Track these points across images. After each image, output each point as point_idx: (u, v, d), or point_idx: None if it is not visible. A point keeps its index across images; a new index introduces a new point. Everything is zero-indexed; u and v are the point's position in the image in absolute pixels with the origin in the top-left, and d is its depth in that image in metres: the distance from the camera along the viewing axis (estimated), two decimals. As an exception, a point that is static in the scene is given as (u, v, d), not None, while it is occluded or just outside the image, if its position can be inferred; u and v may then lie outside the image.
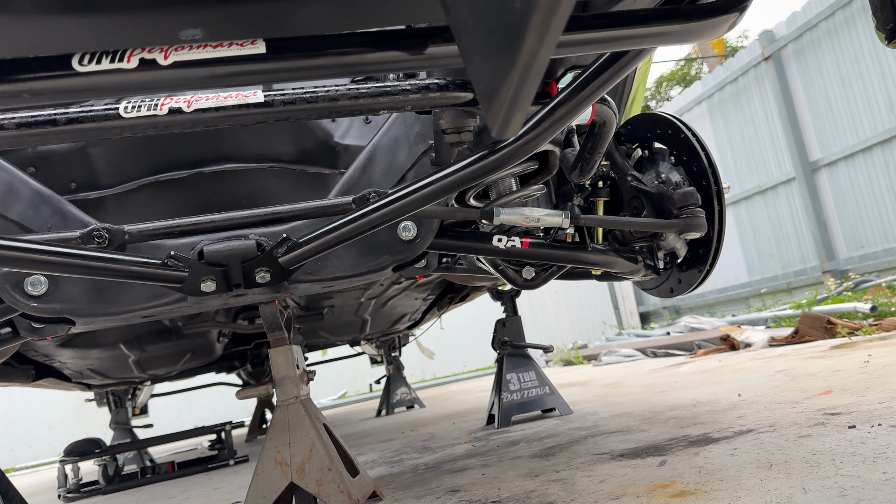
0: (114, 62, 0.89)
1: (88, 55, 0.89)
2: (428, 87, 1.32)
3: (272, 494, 1.66)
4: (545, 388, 3.03)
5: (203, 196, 2.06)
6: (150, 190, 2.06)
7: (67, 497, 3.55)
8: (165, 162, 2.04)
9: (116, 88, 0.91)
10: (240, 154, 2.08)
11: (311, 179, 2.15)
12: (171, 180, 2.06)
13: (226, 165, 2.07)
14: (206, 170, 2.06)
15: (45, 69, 0.88)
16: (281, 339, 1.83)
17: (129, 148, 2.02)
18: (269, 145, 2.10)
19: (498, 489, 1.74)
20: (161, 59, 0.91)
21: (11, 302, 1.64)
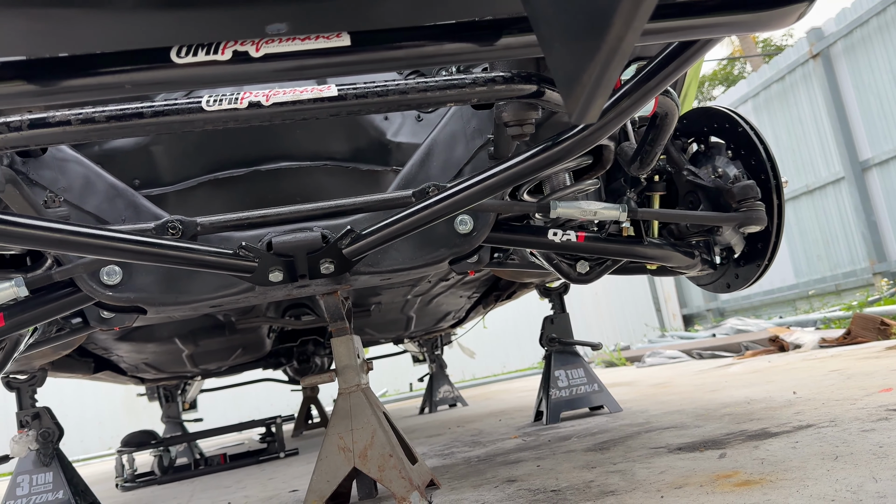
0: (209, 54, 0.94)
1: (185, 48, 0.94)
2: (494, 80, 1.34)
3: (336, 479, 1.71)
4: (594, 386, 3.03)
5: (259, 193, 2.11)
6: (209, 187, 2.13)
7: (125, 486, 3.67)
8: (224, 160, 2.10)
9: (211, 80, 0.96)
10: (295, 152, 2.13)
11: (363, 177, 2.19)
12: (230, 178, 2.12)
13: (281, 164, 2.13)
14: (262, 168, 2.12)
15: (146, 61, 0.93)
16: (343, 328, 1.88)
17: (190, 146, 2.09)
18: (324, 144, 2.15)
19: (556, 479, 1.75)
20: (253, 51, 0.95)
21: (88, 291, 1.72)
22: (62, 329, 2.18)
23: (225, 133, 2.02)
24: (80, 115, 1.21)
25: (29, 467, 2.75)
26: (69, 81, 0.91)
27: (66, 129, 1.21)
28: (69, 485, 2.75)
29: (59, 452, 2.81)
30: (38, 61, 0.89)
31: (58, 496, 2.71)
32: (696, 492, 1.37)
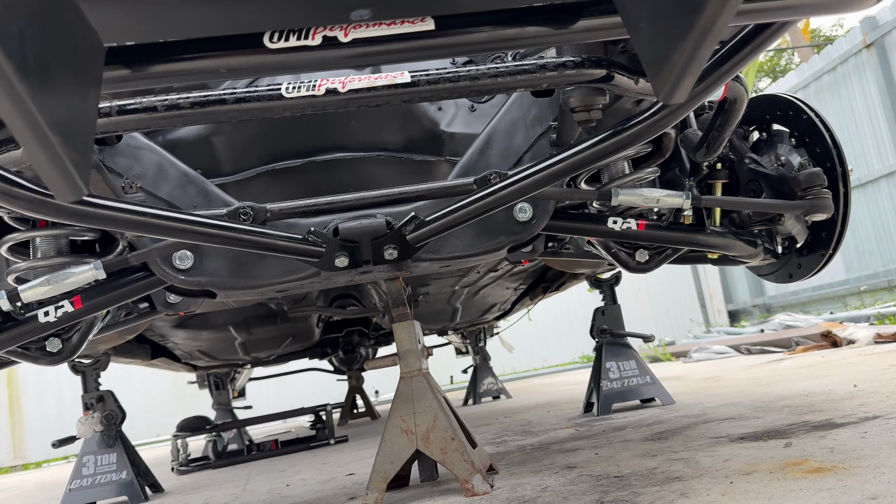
0: (300, 39, 0.97)
1: (278, 33, 0.97)
2: (564, 65, 1.35)
3: (399, 460, 1.74)
4: (646, 378, 3.02)
5: (313, 184, 2.15)
6: (266, 178, 2.17)
7: (180, 470, 3.77)
8: (281, 151, 2.14)
9: (301, 65, 0.99)
10: (349, 143, 2.16)
11: (416, 167, 2.21)
12: (286, 169, 2.16)
13: (336, 154, 2.16)
14: (317, 158, 2.15)
15: (241, 46, 0.96)
16: (404, 314, 1.90)
17: (249, 137, 2.13)
18: (378, 134, 2.17)
19: (617, 466, 1.76)
20: (341, 36, 0.98)
21: (161, 275, 1.77)
22: (130, 313, 2.26)
23: (282, 124, 2.06)
24: (166, 101, 1.26)
25: (94, 448, 2.85)
26: (169, 66, 0.95)
27: (152, 116, 1.26)
28: (132, 466, 2.84)
29: (121, 434, 2.91)
30: (141, 46, 0.93)
31: (121, 476, 2.80)
32: (766, 478, 1.36)
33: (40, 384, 10.00)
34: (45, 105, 0.68)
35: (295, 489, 2.38)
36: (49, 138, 0.69)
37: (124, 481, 2.79)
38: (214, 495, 2.59)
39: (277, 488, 2.48)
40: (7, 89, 0.63)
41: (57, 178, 0.72)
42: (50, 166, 0.71)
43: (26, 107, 0.65)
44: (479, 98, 2.17)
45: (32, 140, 0.68)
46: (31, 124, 0.67)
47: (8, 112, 0.64)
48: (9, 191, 1.19)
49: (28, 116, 0.66)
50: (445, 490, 1.79)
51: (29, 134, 0.67)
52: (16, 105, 0.65)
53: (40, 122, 0.67)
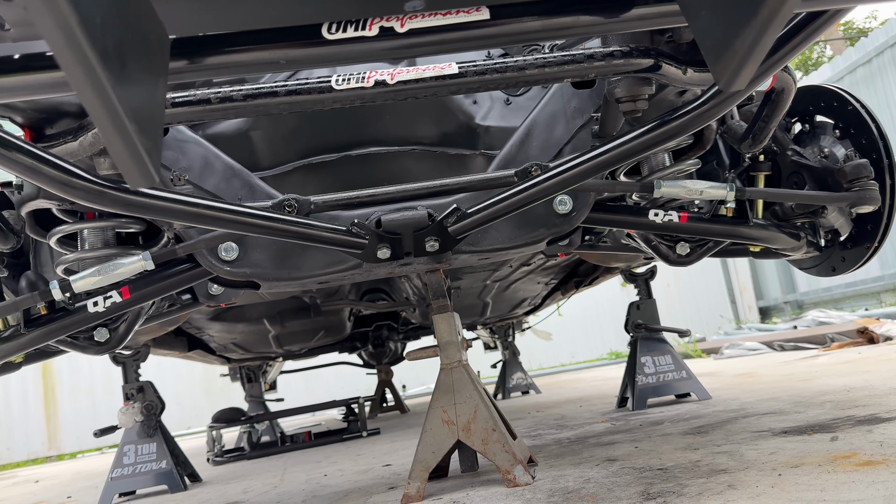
0: (357, 30, 0.98)
1: (336, 24, 0.98)
2: (612, 55, 1.35)
3: (441, 450, 1.75)
4: (682, 373, 3.00)
5: (349, 178, 2.16)
6: (302, 172, 2.19)
7: (216, 461, 3.83)
8: (317, 145, 2.15)
9: (358, 56, 1.00)
10: (384, 138, 2.17)
11: (451, 161, 2.22)
12: (322, 163, 2.17)
13: (371, 149, 2.17)
14: (353, 153, 2.16)
15: (300, 37, 0.98)
16: (444, 306, 1.92)
17: (286, 132, 2.15)
18: (412, 129, 2.18)
19: (659, 459, 1.75)
20: (398, 26, 0.99)
21: (208, 266, 1.80)
22: (172, 305, 2.30)
23: (318, 119, 2.07)
24: (220, 93, 1.28)
25: (134, 438, 2.91)
26: (230, 57, 0.96)
27: (205, 108, 1.28)
28: (171, 455, 2.89)
29: (161, 425, 2.96)
30: (203, 38, 0.95)
31: (161, 466, 2.86)
32: (815, 470, 1.35)
33: (74, 377, 10.21)
34: (122, 94, 0.69)
35: (333, 479, 2.41)
36: (126, 126, 0.71)
37: (164, 470, 2.84)
38: (253, 485, 2.63)
39: (315, 478, 2.51)
40: (91, 78, 0.65)
41: (131, 164, 0.74)
42: (125, 153, 0.73)
43: (107, 95, 0.67)
44: (516, 91, 2.17)
45: (111, 127, 0.70)
46: (110, 112, 0.68)
47: (90, 99, 0.66)
48: (68, 181, 1.22)
49: (108, 104, 0.68)
50: (485, 481, 1.80)
51: (109, 121, 0.69)
52: (98, 93, 0.66)
53: (119, 111, 0.69)
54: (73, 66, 0.63)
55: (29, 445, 10.01)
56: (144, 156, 0.75)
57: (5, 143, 1.14)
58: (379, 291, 4.04)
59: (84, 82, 0.65)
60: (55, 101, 1.32)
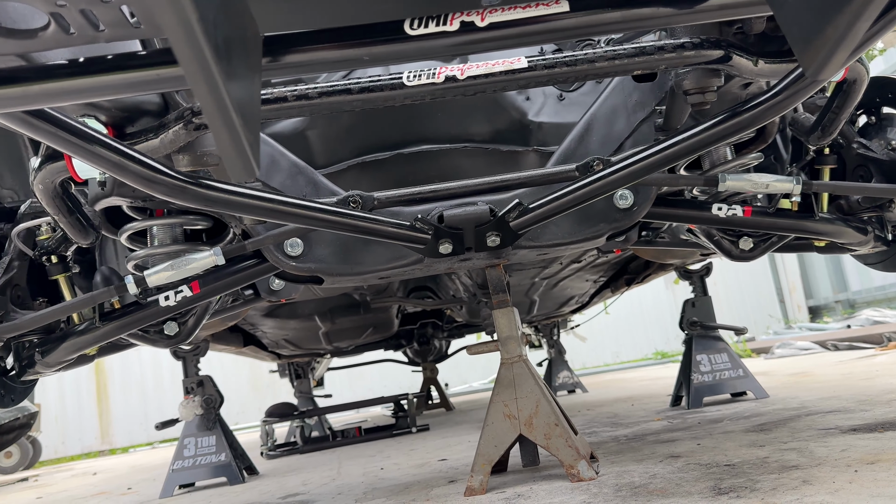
0: (439, 25, 0.99)
1: (418, 20, 1.00)
2: (683, 46, 1.34)
3: (503, 444, 1.76)
4: (738, 371, 2.95)
5: (400, 176, 2.18)
6: (356, 170, 2.22)
7: (269, 455, 3.90)
8: (370, 144, 2.18)
9: (441, 51, 1.01)
10: (436, 135, 2.18)
11: (503, 157, 2.22)
12: (374, 161, 2.20)
13: (423, 147, 2.18)
14: (405, 151, 2.18)
15: (383, 34, 1.00)
16: (504, 301, 1.92)
17: (341, 130, 2.19)
18: (464, 126, 2.19)
19: (724, 455, 1.73)
20: (478, 21, 1.00)
21: (274, 261, 1.84)
22: (236, 300, 2.36)
23: (371, 118, 2.10)
24: (296, 91, 1.31)
25: (194, 431, 2.99)
26: (315, 55, 0.99)
27: (282, 105, 1.31)
28: (230, 448, 2.96)
29: (220, 418, 3.03)
30: (290, 36, 0.98)
31: (220, 458, 2.93)
32: (893, 467, 1.32)
33: (125, 374, 10.50)
34: (231, 89, 0.72)
35: (390, 472, 2.44)
36: (234, 120, 0.74)
37: (223, 463, 2.91)
38: (311, 477, 2.67)
39: (372, 471, 2.54)
40: (206, 72, 0.68)
41: (236, 157, 0.77)
42: (231, 146, 0.76)
43: (219, 90, 0.70)
44: (569, 87, 2.16)
45: (220, 121, 0.73)
46: (221, 106, 0.71)
47: (204, 93, 0.69)
48: (152, 177, 1.26)
49: (220, 99, 0.70)
50: (547, 476, 1.80)
51: (219, 115, 0.72)
52: (211, 87, 0.69)
53: (228, 105, 0.72)
54: (190, 60, 0.66)
55: (82, 440, 10.33)
56: (248, 149, 0.78)
57: (95, 140, 1.19)
58: (425, 290, 4.07)
59: (199, 76, 0.68)
60: (137, 100, 1.37)
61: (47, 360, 1.89)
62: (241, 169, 0.78)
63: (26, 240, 1.94)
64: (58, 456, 9.94)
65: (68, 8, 0.92)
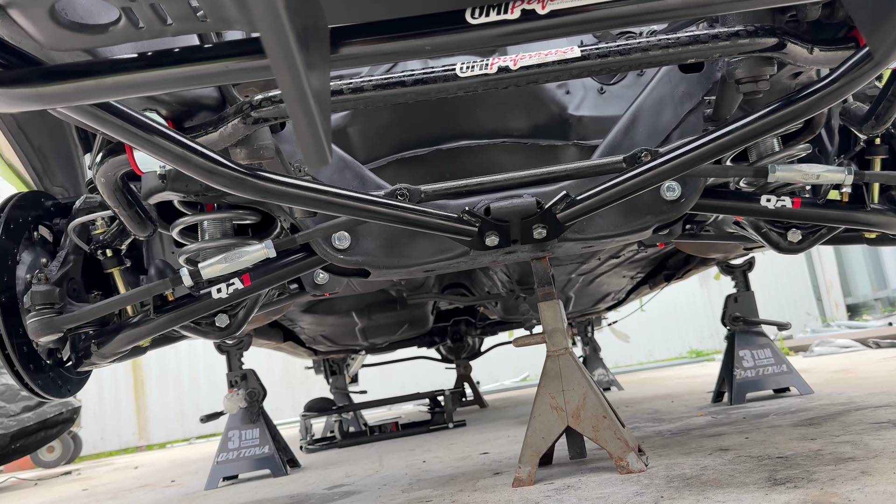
0: (500, 14, 1.00)
1: (478, 8, 1.01)
2: (737, 34, 1.33)
3: (550, 436, 1.76)
4: (782, 367, 2.91)
5: (439, 171, 2.19)
6: (395, 166, 2.23)
7: (308, 448, 3.95)
8: (409, 140, 2.19)
9: (500, 40, 1.02)
10: (475, 131, 2.18)
11: (542, 152, 2.21)
12: (413, 157, 2.21)
13: (461, 142, 2.19)
14: (443, 147, 2.19)
15: (444, 23, 1.01)
16: (549, 293, 1.93)
17: (381, 127, 2.20)
18: (503, 121, 2.19)
19: (775, 448, 1.72)
20: (539, 8, 1.00)
21: (322, 254, 1.87)
22: (281, 294, 2.39)
23: (410, 114, 2.10)
24: (351, 84, 1.33)
25: (238, 424, 3.04)
26: (378, 46, 1.00)
27: (338, 98, 1.34)
28: (273, 441, 3.00)
29: (263, 411, 3.08)
30: (354, 27, 1.00)
31: (264, 451, 2.97)
32: (957, 461, 1.30)
33: (162, 371, 10.68)
34: (310, 78, 0.74)
35: (432, 465, 2.45)
36: (312, 108, 0.75)
37: (266, 455, 2.95)
38: (353, 469, 2.70)
39: (414, 464, 2.56)
40: (289, 61, 0.70)
41: (312, 144, 0.79)
42: (309, 134, 0.78)
43: (301, 78, 0.72)
44: (610, 80, 2.15)
45: (300, 109, 0.74)
46: (301, 94, 0.73)
47: (287, 82, 0.71)
48: (213, 169, 1.29)
49: (300, 87, 0.72)
50: (594, 468, 1.80)
51: (299, 103, 0.74)
52: (293, 76, 0.71)
53: (308, 94, 0.74)
54: (277, 50, 0.68)
55: (120, 436, 10.53)
56: (323, 137, 0.80)
57: (160, 133, 1.22)
58: (459, 286, 4.08)
59: (284, 66, 0.70)
60: (196, 94, 1.40)
61: (103, 351, 1.94)
62: (315, 155, 0.80)
63: (81, 234, 1.99)
64: (96, 451, 10.15)
65: (140, 3, 0.95)
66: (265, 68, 0.94)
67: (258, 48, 0.94)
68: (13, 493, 4.97)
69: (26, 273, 1.97)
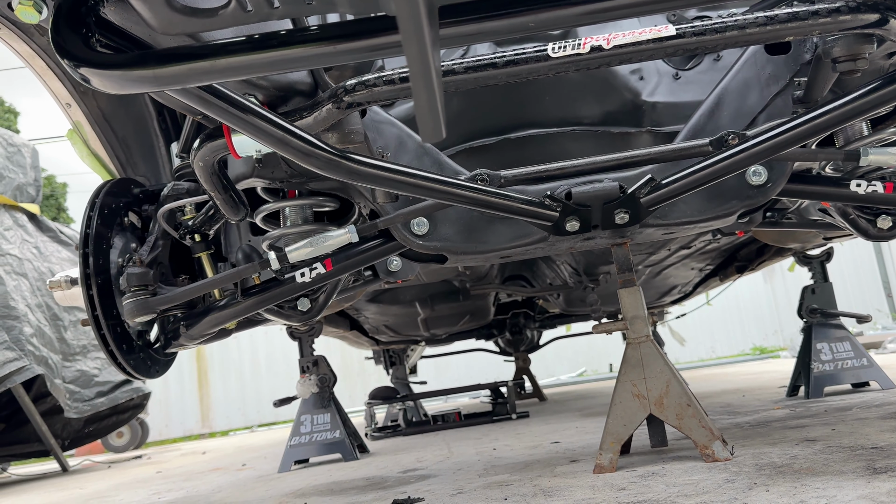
0: (602, -11, 1.00)
1: (582, -16, 1.01)
2: (839, 10, 1.29)
3: (632, 423, 1.75)
4: (862, 360, 2.82)
5: (506, 161, 2.18)
6: (464, 155, 2.23)
7: (374, 436, 4.01)
8: (478, 129, 2.19)
9: (604, 16, 1.02)
10: (543, 120, 2.17)
11: (613, 140, 2.18)
12: (482, 146, 2.21)
13: (529, 131, 2.18)
14: (511, 136, 2.18)
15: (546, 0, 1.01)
16: (630, 280, 1.91)
17: (451, 116, 2.20)
18: (572, 109, 2.17)
19: (866, 440, 1.66)
20: (645, -17, 1.00)
21: (402, 240, 1.89)
22: (356, 280, 2.43)
23: (479, 102, 2.10)
24: (443, 66, 1.34)
25: (310, 408, 3.10)
26: (484, 24, 1.01)
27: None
28: (343, 426, 3.06)
29: (334, 397, 3.14)
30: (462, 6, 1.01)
31: (335, 435, 3.03)
32: None
33: (224, 361, 10.99)
34: (434, 55, 0.76)
35: (503, 453, 2.46)
36: (434, 84, 0.77)
37: (337, 440, 3.01)
38: (423, 455, 2.73)
39: (485, 451, 2.58)
40: (418, 36, 0.71)
41: (430, 120, 0.80)
42: (428, 109, 0.79)
43: (426, 52, 0.73)
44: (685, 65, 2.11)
45: (423, 83, 0.76)
46: (426, 70, 0.74)
47: (415, 55, 0.73)
48: (310, 151, 1.33)
49: (426, 61, 0.74)
50: (677, 457, 1.78)
51: (423, 77, 0.75)
52: (420, 49, 0.73)
53: (432, 70, 0.75)
54: (410, 27, 0.70)
55: (184, 423, 10.88)
56: (441, 113, 0.81)
57: (261, 116, 1.26)
58: (519, 278, 4.07)
59: (414, 40, 0.71)
60: (291, 79, 1.44)
61: (191, 333, 2.02)
62: (432, 130, 0.82)
63: (168, 220, 2.07)
64: (161, 438, 10.52)
65: (252, -14, 0.98)
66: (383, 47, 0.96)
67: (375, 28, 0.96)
68: (90, 475, 5.19)
69: (118, 257, 2.06)
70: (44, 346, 5.54)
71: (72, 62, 1.06)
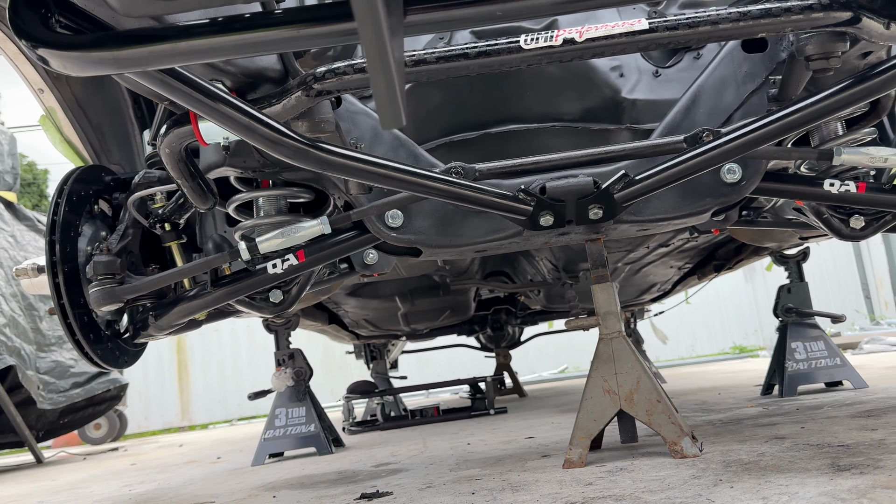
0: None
1: (551, -26, 0.99)
2: (811, 7, 1.29)
3: (602, 419, 1.75)
4: (836, 360, 2.84)
5: (487, 156, 2.16)
6: (444, 149, 2.22)
7: (351, 430, 3.99)
8: (458, 123, 2.17)
9: (574, 7, 1.01)
10: (524, 115, 2.16)
11: (593, 136, 2.18)
12: (462, 140, 2.20)
13: (510, 126, 2.17)
14: (492, 131, 2.17)
15: (516, -11, 1.00)
16: (604, 276, 1.90)
17: (431, 110, 2.19)
18: (553, 105, 2.16)
19: (834, 437, 1.67)
20: (613, -25, 0.99)
21: (376, 232, 1.88)
22: (332, 273, 2.42)
23: (459, 97, 2.09)
24: (414, 55, 1.33)
25: (285, 402, 3.08)
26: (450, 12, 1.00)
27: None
28: (319, 420, 3.04)
29: (309, 390, 3.12)
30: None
31: (309, 429, 3.01)
32: None
33: (205, 354, 10.90)
34: (393, 43, 0.74)
35: (477, 447, 2.46)
36: (392, 72, 0.75)
37: (312, 434, 2.99)
38: (398, 450, 2.72)
39: (459, 446, 2.57)
40: (375, 23, 0.70)
41: (390, 107, 0.79)
42: (386, 96, 0.78)
43: (384, 39, 0.71)
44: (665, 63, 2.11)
45: (382, 69, 0.74)
46: (384, 58, 0.73)
47: (371, 42, 0.71)
48: (278, 139, 1.31)
49: (383, 48, 0.72)
50: (646, 452, 1.78)
51: (380, 64, 0.74)
52: (377, 36, 0.71)
53: (390, 57, 0.74)
54: (366, 15, 0.68)
55: (164, 416, 10.79)
56: (400, 101, 0.80)
57: (227, 102, 1.24)
58: (501, 274, 4.07)
59: (371, 29, 0.70)
60: (260, 65, 1.42)
61: (160, 323, 1.99)
62: (391, 117, 0.80)
63: (139, 209, 2.03)
64: (140, 430, 10.42)
65: (216, -31, 0.96)
66: (343, 33, 0.95)
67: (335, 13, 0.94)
68: (65, 466, 5.13)
69: (87, 245, 2.03)
70: (17, 336, 5.46)
71: (29, 42, 1.03)
